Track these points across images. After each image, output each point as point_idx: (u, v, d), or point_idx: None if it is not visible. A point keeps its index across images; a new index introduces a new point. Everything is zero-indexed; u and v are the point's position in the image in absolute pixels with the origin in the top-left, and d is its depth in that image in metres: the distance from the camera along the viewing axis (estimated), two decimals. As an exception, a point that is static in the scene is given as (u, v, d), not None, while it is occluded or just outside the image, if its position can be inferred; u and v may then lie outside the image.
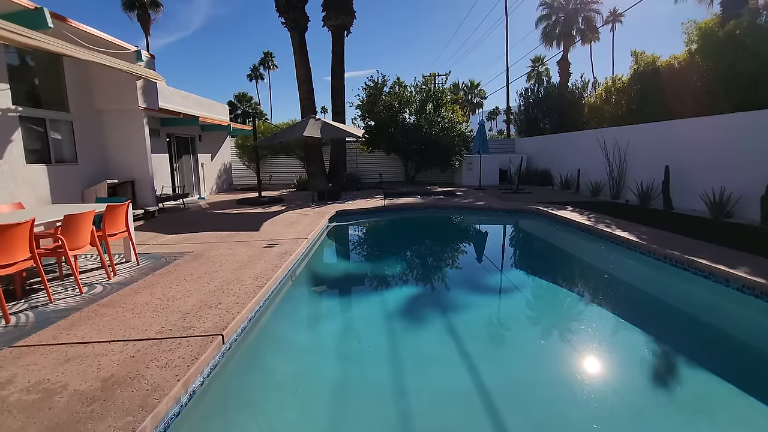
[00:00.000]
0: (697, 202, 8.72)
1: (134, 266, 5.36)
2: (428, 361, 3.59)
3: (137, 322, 3.48)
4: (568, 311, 4.91)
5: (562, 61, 30.99)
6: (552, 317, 4.75)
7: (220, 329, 3.29)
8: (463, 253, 7.79)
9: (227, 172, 16.73)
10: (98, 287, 4.51)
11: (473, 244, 8.74)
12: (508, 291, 5.67)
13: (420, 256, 7.57)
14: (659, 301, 5.13)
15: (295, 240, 6.70)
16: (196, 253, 5.95)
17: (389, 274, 6.33)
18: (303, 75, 15.39)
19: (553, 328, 4.39)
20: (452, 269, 6.77)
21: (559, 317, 4.74)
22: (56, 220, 4.33)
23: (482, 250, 8.16)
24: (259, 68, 61.64)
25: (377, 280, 6.07)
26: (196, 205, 11.88)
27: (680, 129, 9.53)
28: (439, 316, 4.60)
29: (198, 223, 8.78)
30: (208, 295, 4.14)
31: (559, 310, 4.98)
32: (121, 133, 9.32)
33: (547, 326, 4.48)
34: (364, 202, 11.77)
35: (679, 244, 5.83)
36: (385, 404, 2.93)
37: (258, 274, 4.80)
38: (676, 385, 3.25)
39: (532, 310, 5.00)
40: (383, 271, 6.55)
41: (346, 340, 4.11)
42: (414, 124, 16.74)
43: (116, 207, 5.07)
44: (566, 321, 4.61)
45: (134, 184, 9.50)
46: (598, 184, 12.24)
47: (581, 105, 16.52)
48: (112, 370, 2.71)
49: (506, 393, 3.07)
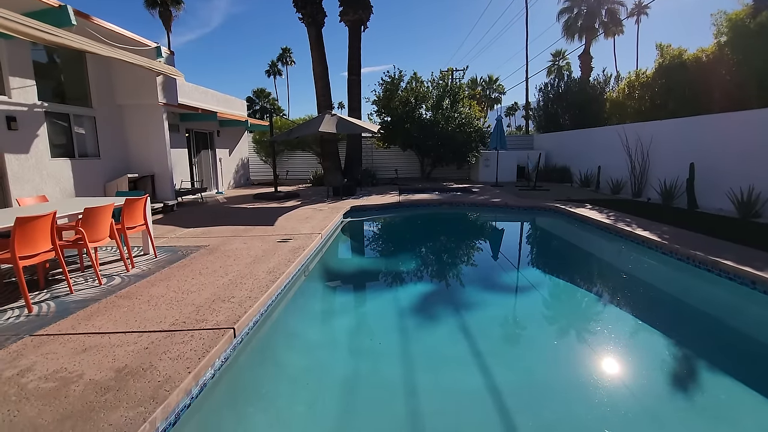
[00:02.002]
0: (723, 201, 8.41)
1: (152, 259, 5.47)
2: (441, 359, 3.55)
3: (152, 314, 3.55)
4: (585, 312, 4.79)
5: (584, 55, 30.24)
6: (568, 317, 4.64)
7: (231, 323, 3.32)
8: (478, 251, 7.69)
9: (244, 167, 16.94)
10: (117, 279, 4.62)
11: (488, 242, 8.63)
12: (524, 290, 5.57)
13: (434, 253, 7.52)
14: (680, 303, 4.96)
15: (309, 235, 6.73)
16: (212, 247, 6.04)
17: (403, 271, 6.30)
18: (320, 71, 15.42)
19: (570, 329, 4.29)
20: (467, 267, 6.69)
21: (575, 317, 4.63)
22: (77, 212, 4.44)
23: (498, 248, 8.05)
24: (277, 64, 62.21)
25: (391, 276, 6.05)
26: (214, 200, 12.07)
27: (707, 125, 9.17)
28: (453, 314, 4.55)
29: (215, 217, 8.91)
30: (222, 288, 4.19)
31: (576, 310, 4.87)
32: (141, 128, 9.52)
33: (563, 326, 4.38)
34: (378, 197, 11.76)
35: (703, 245, 5.62)
36: (396, 401, 2.91)
37: (271, 269, 4.83)
38: (695, 390, 3.13)
39: (548, 310, 4.90)
40: (397, 268, 6.52)
41: (358, 336, 4.10)
42: (430, 120, 16.61)
43: (135, 200, 5.17)
44: (583, 321, 4.50)
45: (154, 179, 9.71)
46: (618, 181, 11.92)
47: (603, 100, 16.09)
48: (127, 360, 2.76)
49: (521, 394, 3.01)
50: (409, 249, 7.76)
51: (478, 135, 16.84)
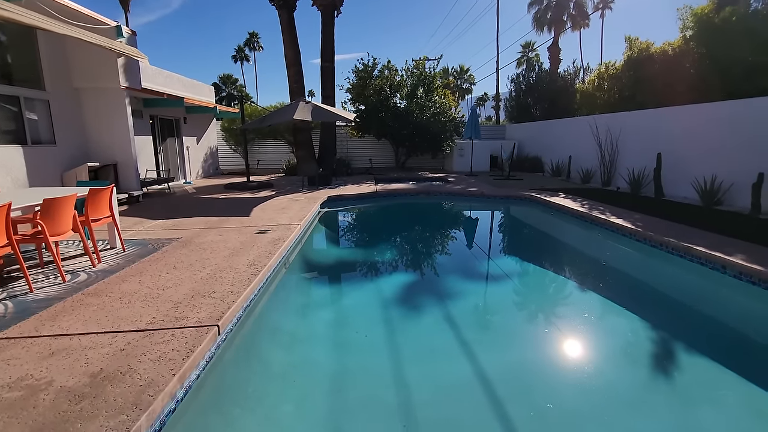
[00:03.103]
0: (688, 190, 8.80)
1: (120, 253, 5.12)
2: (426, 349, 3.52)
3: (126, 313, 3.30)
4: (564, 298, 4.88)
5: (553, 47, 30.80)
6: (548, 304, 4.71)
7: (215, 319, 3.13)
8: (458, 240, 7.71)
9: (213, 156, 16.29)
10: (82, 275, 4.29)
11: (468, 231, 8.68)
12: (504, 278, 5.63)
13: (414, 242, 7.48)
14: (655, 287, 5.13)
15: (288, 226, 6.51)
16: (185, 240, 5.73)
17: (384, 261, 6.22)
18: (292, 56, 14.92)
19: (550, 315, 4.35)
20: (447, 256, 6.68)
21: (555, 304, 4.70)
22: (35, 204, 4.07)
23: (477, 237, 8.10)
24: (245, 49, 59.96)
25: (372, 267, 5.95)
26: (182, 190, 11.53)
27: (673, 116, 9.54)
28: (437, 303, 4.52)
29: (185, 208, 8.50)
30: (201, 283, 3.96)
31: (556, 296, 4.95)
32: (101, 113, 8.88)
33: (543, 313, 4.43)
34: (355, 187, 11.59)
35: (674, 231, 5.84)
36: (386, 394, 2.85)
37: (252, 261, 4.63)
38: (673, 371, 3.23)
39: (528, 297, 4.96)
40: (377, 258, 6.43)
41: (344, 329, 3.99)
42: (405, 109, 16.49)
43: (100, 191, 4.80)
44: (563, 307, 4.57)
45: (117, 168, 9.12)
46: (589, 171, 12.26)
47: (573, 92, 16.46)
48: (102, 364, 2.54)
49: (506, 381, 3.02)
50: (388, 239, 7.68)
51: (453, 125, 16.89)
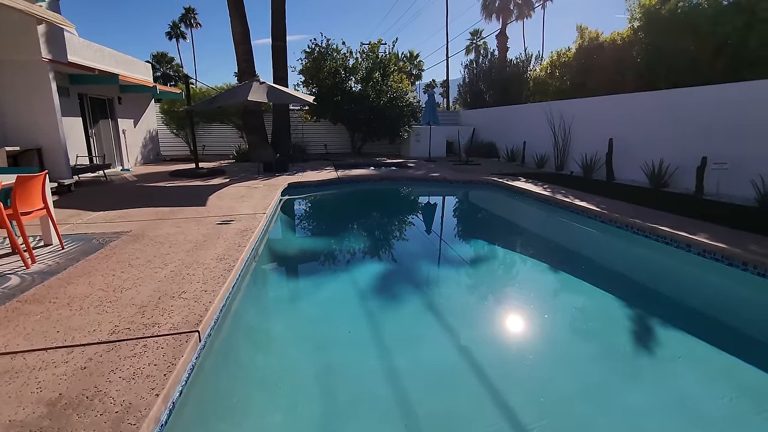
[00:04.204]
0: (636, 173, 9.33)
1: (58, 250, 4.42)
2: (411, 339, 3.41)
3: (80, 321, 2.79)
4: (538, 280, 4.94)
5: (501, 35, 31.48)
6: (525, 286, 4.73)
7: (193, 324, 2.73)
8: (428, 226, 7.62)
9: (153, 141, 14.90)
10: (13, 278, 3.62)
11: (436, 216, 8.62)
12: (477, 261, 5.64)
13: (383, 229, 7.27)
14: (625, 267, 5.34)
15: (253, 215, 6.03)
16: (136, 233, 5.09)
17: (354, 250, 5.96)
18: (240, 33, 13.89)
19: (527, 297, 4.36)
20: (418, 242, 6.56)
21: (531, 285, 4.74)
22: (-53, 194, 3.33)
23: (446, 221, 8.06)
24: (180, 26, 55.58)
25: (343, 255, 5.68)
26: (121, 178, 10.41)
27: (622, 103, 10.02)
28: (415, 291, 4.43)
29: (128, 198, 7.63)
30: (166, 282, 3.48)
31: (531, 278, 5.00)
32: (19, 90, 7.64)
33: (520, 295, 4.44)
34: (314, 174, 11.12)
35: (636, 213, 6.12)
36: (378, 392, 2.69)
37: (221, 255, 4.17)
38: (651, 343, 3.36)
39: (503, 280, 4.96)
40: (347, 247, 6.15)
41: (325, 325, 3.69)
42: (360, 93, 16.07)
43: (30, 178, 4.06)
44: (537, 290, 4.62)
45: (41, 153, 7.95)
46: (543, 156, 12.68)
47: (525, 79, 16.90)
48: (59, 388, 2.08)
49: (496, 366, 2.98)
50: (356, 227, 7.41)
51: (410, 110, 16.74)
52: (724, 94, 7.58)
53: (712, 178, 7.55)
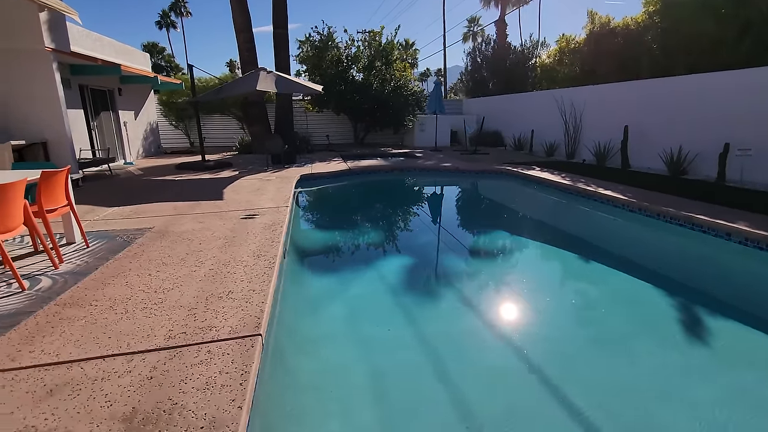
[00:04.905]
0: (652, 161, 9.24)
1: (83, 249, 4.22)
2: (454, 335, 3.34)
3: (129, 326, 2.62)
4: (575, 272, 4.83)
5: (500, 22, 31.15)
6: (558, 278, 4.64)
7: (252, 327, 2.58)
8: (451, 216, 7.51)
9: (154, 133, 14.55)
10: (44, 280, 3.43)
11: (457, 207, 8.50)
12: (505, 253, 5.55)
13: (405, 220, 7.13)
14: (659, 257, 5.25)
15: (276, 209, 5.85)
16: (159, 229, 4.89)
17: (379, 242, 5.83)
18: (241, 21, 13.50)
19: (563, 289, 4.27)
20: (443, 233, 6.44)
21: (566, 277, 4.65)
22: (-25, 193, 3.11)
23: (468, 212, 7.94)
24: (170, 14, 54.34)
25: (370, 248, 5.57)
26: (126, 172, 10.12)
27: (638, 90, 9.89)
28: (449, 283, 4.43)
29: (139, 192, 7.39)
30: (208, 281, 3.32)
31: (566, 270, 4.89)
32: (23, 80, 7.32)
33: (554, 287, 4.34)
34: (324, 165, 10.91)
35: (664, 201, 6.02)
36: (433, 392, 2.61)
37: (256, 252, 4.01)
38: (700, 337, 3.29)
39: (533, 273, 4.88)
40: (373, 239, 6.01)
41: (364, 323, 3.58)
42: (363, 82, 15.77)
43: (54, 174, 3.85)
44: (575, 282, 4.52)
45: (47, 146, 7.66)
46: (553, 144, 12.56)
47: (531, 66, 16.67)
48: (131, 401, 1.93)
49: (546, 360, 2.92)
50: (378, 219, 7.26)
51: (414, 99, 16.47)
52: (747, 78, 7.46)
53: (735, 165, 7.48)
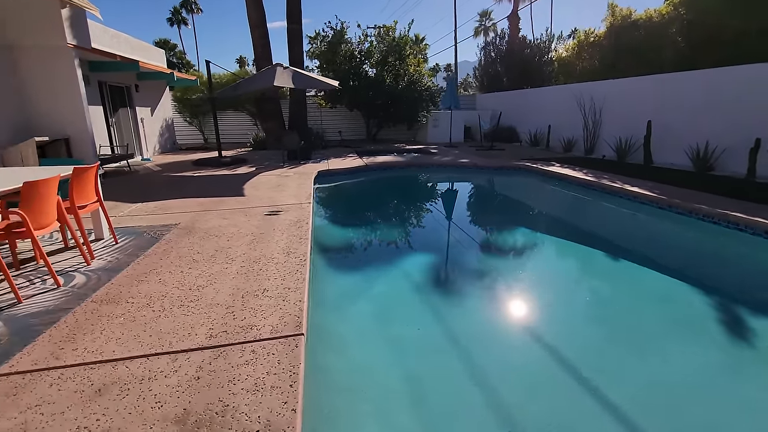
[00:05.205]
0: (676, 157, 9.02)
1: (112, 245, 4.22)
2: (485, 335, 3.28)
3: (169, 324, 2.60)
4: (607, 269, 4.71)
5: (512, 16, 30.74)
6: (588, 275, 4.52)
7: (294, 326, 2.53)
8: (472, 213, 7.41)
9: (170, 130, 14.62)
10: (78, 276, 3.43)
11: (478, 203, 8.38)
12: (533, 250, 5.44)
13: (426, 217, 7.04)
14: (695, 254, 5.11)
15: (299, 205, 5.81)
16: (185, 226, 4.88)
17: (402, 239, 5.76)
18: (256, 17, 13.51)
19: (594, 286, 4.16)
20: (466, 230, 6.36)
21: (597, 275, 4.52)
22: (11, 189, 3.11)
23: (489, 209, 7.82)
24: (181, 11, 54.55)
25: (393, 245, 5.50)
26: (144, 168, 10.17)
27: (662, 84, 9.65)
28: (476, 281, 4.35)
29: (160, 188, 7.41)
30: (241, 279, 3.28)
31: (595, 267, 4.77)
32: (46, 77, 7.35)
33: (584, 284, 4.23)
34: (340, 161, 10.85)
35: (695, 198, 5.86)
36: (470, 396, 2.53)
37: (286, 249, 3.97)
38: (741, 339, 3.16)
39: (561, 270, 4.76)
40: (396, 236, 5.94)
41: (393, 322, 3.51)
42: (376, 78, 15.66)
43: (85, 170, 3.84)
44: (607, 279, 4.40)
45: (69, 143, 7.72)
46: (570, 140, 12.36)
47: (548, 60, 16.40)
48: (181, 402, 1.89)
49: (584, 361, 2.81)
50: (399, 215, 7.20)
51: (428, 94, 16.32)
52: (779, 71, 7.23)
53: (765, 161, 7.26)
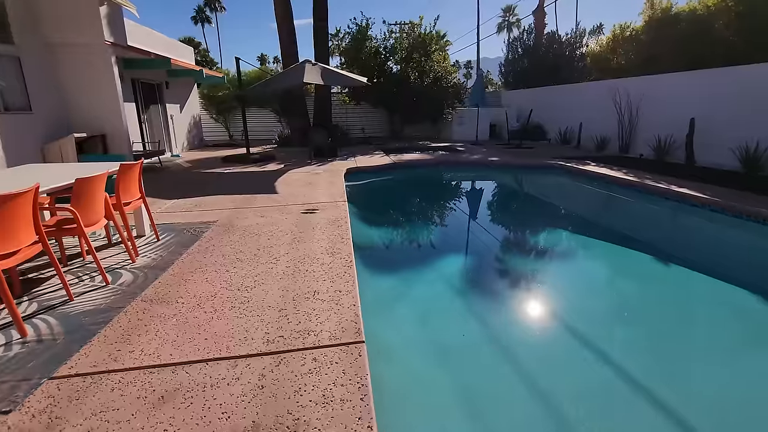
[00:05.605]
0: (721, 157, 8.57)
1: (154, 242, 4.21)
2: (536, 344, 3.13)
3: (222, 327, 2.52)
4: (659, 274, 4.46)
5: (538, 11, 29.99)
6: (637, 278, 4.28)
7: (353, 333, 2.42)
8: (509, 213, 7.22)
9: (197, 126, 14.79)
10: (125, 274, 3.40)
11: (514, 203, 8.17)
12: (579, 253, 5.20)
13: (463, 217, 6.87)
14: (758, 261, 4.80)
15: (334, 203, 5.72)
16: (224, 223, 4.85)
17: (440, 240, 5.66)
18: (282, 12, 13.52)
19: (646, 291, 3.92)
20: (506, 230, 6.19)
21: (648, 280, 4.28)
22: (65, 185, 3.09)
23: (527, 209, 7.60)
24: (205, 10, 55.43)
25: (431, 246, 5.38)
26: (175, 164, 10.27)
27: (707, 80, 9.18)
28: (520, 285, 4.19)
29: (193, 185, 7.43)
30: (288, 280, 3.19)
31: (645, 271, 4.52)
32: (83, 74, 7.47)
33: (634, 288, 4.00)
34: (367, 158, 10.74)
35: (755, 201, 5.52)
36: (531, 410, 2.40)
37: (328, 249, 3.87)
38: None
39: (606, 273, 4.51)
40: (433, 237, 5.81)
41: (438, 328, 3.39)
42: (400, 74, 15.49)
43: (131, 167, 3.83)
44: (660, 285, 4.15)
45: (105, 139, 7.83)
46: (604, 138, 11.93)
47: (579, 55, 15.91)
48: (249, 414, 1.80)
49: (652, 377, 2.64)
50: (435, 215, 7.08)
51: (454, 90, 16.06)
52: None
53: (825, 162, 6.81)
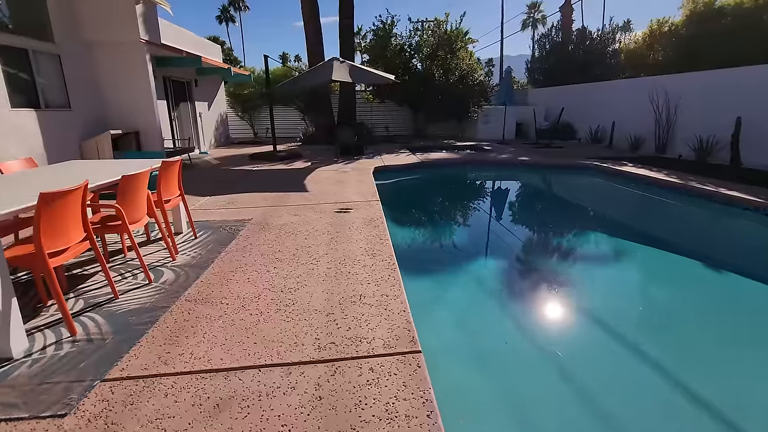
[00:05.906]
0: (771, 158, 8.13)
1: (191, 239, 4.19)
2: (585, 348, 3.03)
3: (271, 330, 2.44)
4: (707, 280, 4.20)
5: (565, 7, 29.22)
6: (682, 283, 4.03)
7: (408, 341, 2.30)
8: (545, 215, 7.00)
9: (224, 124, 14.94)
10: (166, 272, 3.37)
11: (549, 205, 7.91)
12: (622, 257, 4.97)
13: (497, 218, 6.69)
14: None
15: (367, 203, 5.62)
16: (259, 221, 4.80)
17: (475, 242, 5.47)
18: (309, 11, 13.50)
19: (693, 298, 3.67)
20: (544, 233, 5.97)
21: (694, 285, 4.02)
22: (111, 182, 3.07)
23: (563, 211, 7.34)
24: (230, 9, 56.21)
25: (467, 249, 5.21)
26: (203, 161, 10.38)
27: (754, 76, 8.70)
28: (563, 289, 3.99)
29: (224, 182, 7.46)
30: (331, 282, 3.10)
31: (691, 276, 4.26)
32: (119, 72, 7.59)
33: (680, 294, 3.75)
34: (393, 157, 10.61)
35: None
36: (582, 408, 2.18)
37: (368, 250, 3.77)
38: None
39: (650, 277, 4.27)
40: (469, 239, 5.65)
41: (479, 334, 3.27)
42: (425, 72, 15.30)
43: (171, 164, 3.81)
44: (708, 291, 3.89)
45: (139, 136, 7.95)
46: (639, 137, 11.49)
47: (612, 52, 15.38)
48: (309, 428, 1.70)
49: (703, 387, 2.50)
50: (469, 216, 6.90)
51: (480, 88, 15.76)
52: None
53: None
